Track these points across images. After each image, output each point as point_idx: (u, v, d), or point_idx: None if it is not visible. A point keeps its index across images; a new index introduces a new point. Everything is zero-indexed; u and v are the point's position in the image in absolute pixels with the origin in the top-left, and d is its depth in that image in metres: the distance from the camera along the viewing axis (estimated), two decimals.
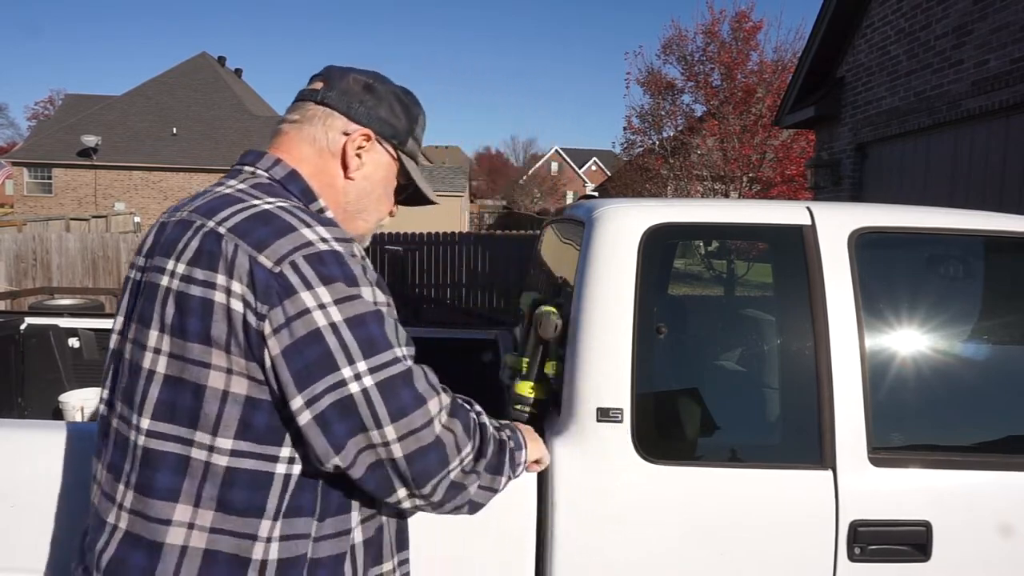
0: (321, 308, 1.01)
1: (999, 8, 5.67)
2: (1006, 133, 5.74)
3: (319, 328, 1.01)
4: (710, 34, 17.95)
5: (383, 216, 1.33)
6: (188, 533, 1.03)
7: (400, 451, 1.05)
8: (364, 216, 1.28)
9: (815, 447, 1.74)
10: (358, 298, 1.05)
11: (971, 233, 1.95)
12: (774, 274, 2.07)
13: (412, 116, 1.30)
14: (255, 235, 1.03)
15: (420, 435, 1.06)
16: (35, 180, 28.63)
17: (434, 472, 1.08)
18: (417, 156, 1.36)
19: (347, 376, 1.01)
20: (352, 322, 1.03)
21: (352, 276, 1.05)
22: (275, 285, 1.00)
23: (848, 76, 8.07)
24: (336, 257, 1.05)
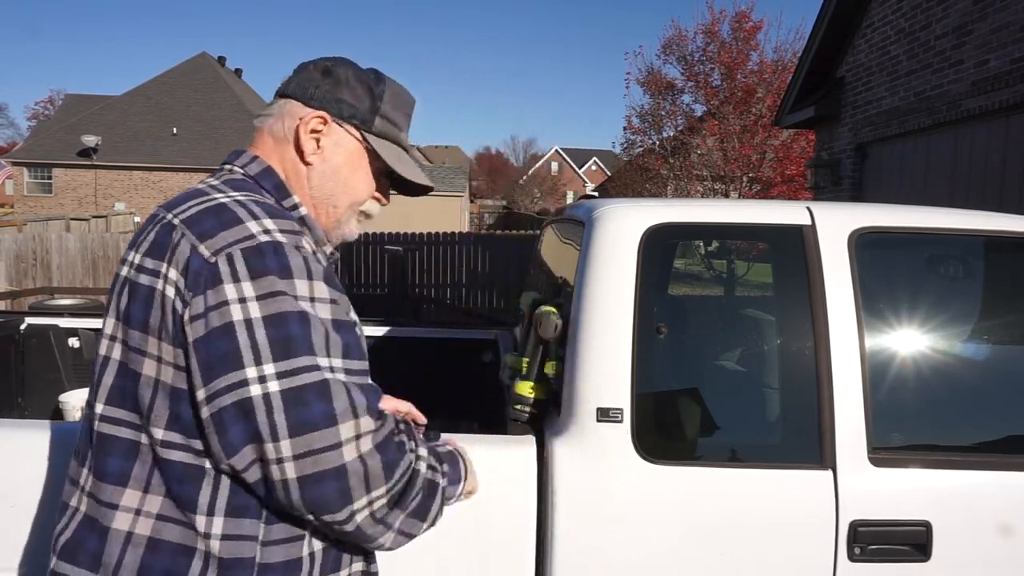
0: (241, 302, 0.96)
1: (999, 8, 5.67)
2: (1006, 133, 5.74)
3: (232, 322, 0.95)
4: (710, 34, 17.95)
5: (358, 201, 1.24)
6: (135, 519, 1.01)
7: (294, 471, 0.94)
8: (334, 202, 1.21)
9: (815, 447, 1.74)
10: (283, 296, 0.97)
11: (971, 233, 1.95)
12: (774, 274, 2.07)
13: (376, 94, 1.23)
14: (202, 226, 1.02)
15: (321, 458, 0.94)
16: (35, 180, 28.63)
17: (332, 505, 0.96)
18: (396, 136, 1.27)
19: (250, 377, 0.94)
20: (270, 320, 0.96)
21: (287, 267, 0.99)
22: (205, 274, 0.97)
23: (848, 76, 8.07)
24: (275, 247, 0.99)
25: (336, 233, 1.24)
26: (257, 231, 1.00)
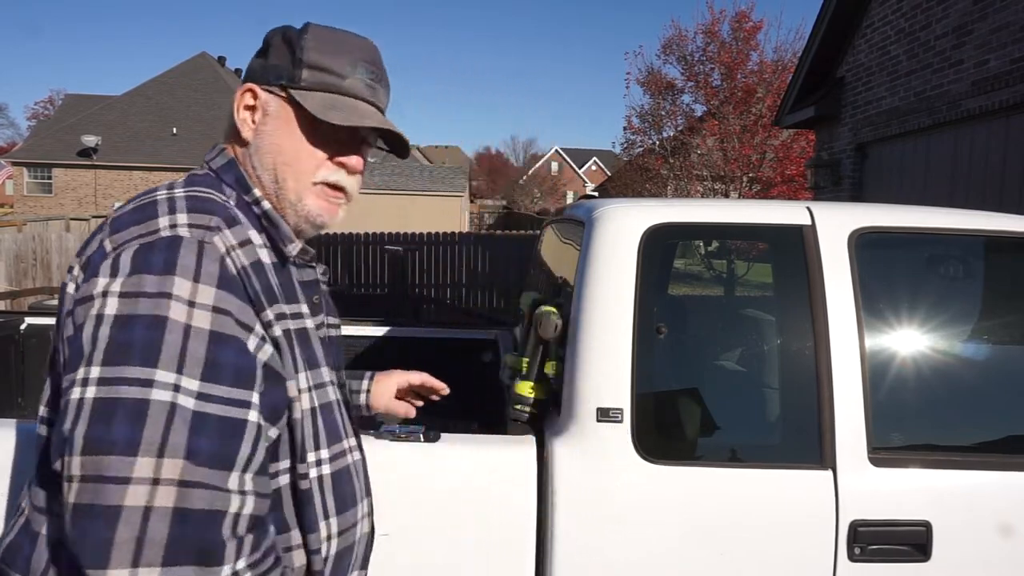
0: (103, 296, 0.87)
1: (999, 8, 5.67)
2: (1006, 133, 5.74)
3: (89, 316, 0.86)
4: (710, 34, 17.94)
5: (304, 170, 1.05)
6: (52, 521, 0.93)
7: (74, 495, 0.78)
8: (279, 180, 1.05)
9: (815, 447, 1.74)
10: (147, 296, 0.85)
11: (971, 233, 1.95)
12: (774, 274, 2.07)
13: (298, 45, 1.07)
14: (120, 222, 0.95)
15: (103, 489, 0.77)
16: (35, 180, 28.63)
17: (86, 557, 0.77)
18: (336, 84, 1.07)
19: (79, 377, 0.83)
20: (120, 320, 0.84)
21: (172, 264, 0.87)
22: (94, 266, 0.91)
23: (848, 76, 8.07)
24: (171, 243, 0.89)
25: (303, 219, 1.07)
26: (164, 225, 0.91)
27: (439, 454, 1.74)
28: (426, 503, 1.72)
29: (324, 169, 1.07)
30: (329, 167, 1.07)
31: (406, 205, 23.52)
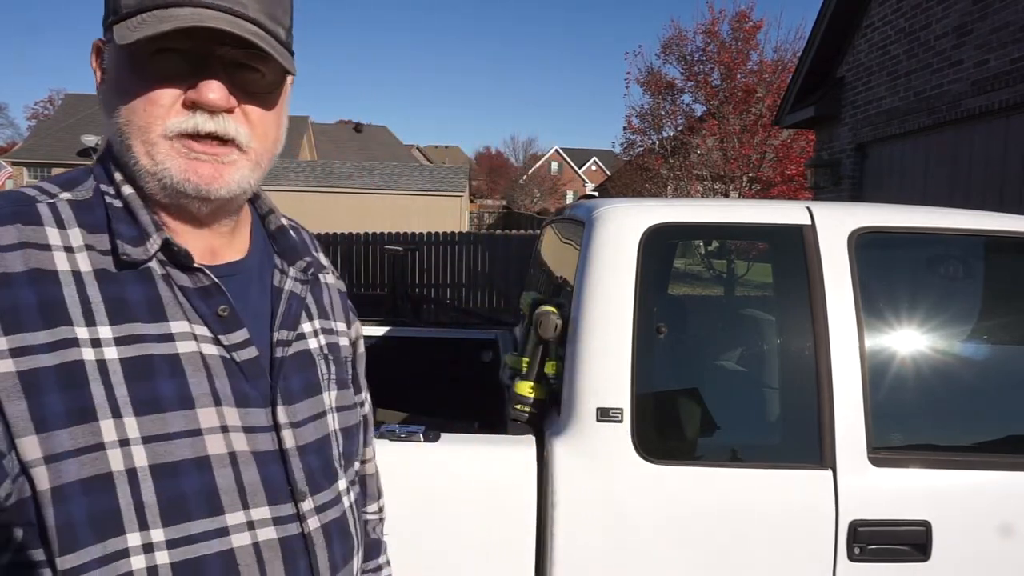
0: None
1: (999, 8, 5.67)
2: (1006, 133, 5.74)
3: None
4: (710, 34, 17.94)
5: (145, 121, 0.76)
6: None
7: None
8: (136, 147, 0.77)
9: (815, 447, 1.74)
10: None
11: (971, 233, 1.95)
12: (774, 274, 2.07)
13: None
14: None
15: None
16: (35, 180, 28.62)
17: None
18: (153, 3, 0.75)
19: None
20: None
21: None
22: None
23: (848, 76, 8.07)
24: None
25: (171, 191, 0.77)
26: None
27: (439, 454, 1.74)
28: (426, 503, 1.72)
29: (173, 117, 0.76)
30: (178, 112, 0.76)
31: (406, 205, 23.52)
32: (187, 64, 0.76)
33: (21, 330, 0.68)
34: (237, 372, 0.79)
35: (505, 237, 13.56)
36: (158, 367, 0.73)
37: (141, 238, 0.76)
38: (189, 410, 0.74)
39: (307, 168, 24.15)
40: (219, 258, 0.84)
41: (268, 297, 0.87)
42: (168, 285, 0.77)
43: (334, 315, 0.98)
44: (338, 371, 0.94)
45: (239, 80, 0.78)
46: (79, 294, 0.72)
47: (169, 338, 0.75)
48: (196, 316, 0.77)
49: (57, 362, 0.68)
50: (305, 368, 0.88)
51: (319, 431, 0.87)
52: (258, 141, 0.81)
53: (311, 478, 0.83)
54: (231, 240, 0.87)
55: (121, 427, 0.69)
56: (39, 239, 0.72)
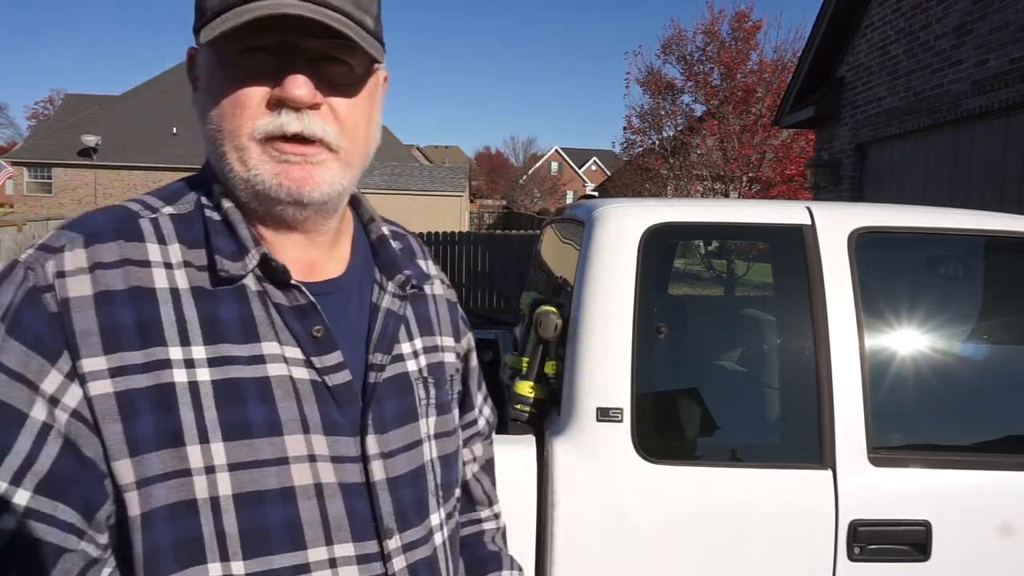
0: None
1: (999, 8, 5.67)
2: (1006, 133, 5.74)
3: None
4: (710, 34, 17.94)
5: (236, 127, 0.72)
6: None
7: None
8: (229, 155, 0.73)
9: (815, 447, 1.74)
10: None
11: (971, 233, 1.95)
12: (774, 274, 2.07)
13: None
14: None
15: None
16: (35, 180, 28.64)
17: None
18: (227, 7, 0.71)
19: None
20: None
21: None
22: None
23: (848, 76, 8.07)
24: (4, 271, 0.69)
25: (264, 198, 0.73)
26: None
27: None
28: None
29: (261, 119, 0.72)
30: (264, 113, 0.72)
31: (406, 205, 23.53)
32: (272, 60, 0.72)
33: (120, 349, 0.67)
34: (328, 397, 0.74)
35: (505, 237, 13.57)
36: (247, 391, 0.70)
37: (240, 253, 0.73)
38: (277, 437, 0.70)
39: None
40: (318, 273, 0.79)
41: (366, 315, 0.81)
42: (263, 303, 0.73)
43: (440, 329, 0.91)
44: (439, 394, 0.87)
45: (324, 74, 0.73)
46: (175, 312, 0.70)
47: (260, 360, 0.71)
48: (289, 336, 0.73)
49: (151, 383, 0.67)
50: (401, 393, 0.81)
51: (413, 462, 0.80)
52: (347, 139, 0.75)
53: (400, 514, 0.77)
54: (331, 252, 0.82)
55: (208, 453, 0.67)
56: (140, 255, 0.71)
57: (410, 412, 0.82)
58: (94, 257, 0.69)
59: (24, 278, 0.67)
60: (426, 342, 0.88)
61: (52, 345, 0.65)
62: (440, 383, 0.88)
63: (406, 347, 0.84)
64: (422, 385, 0.84)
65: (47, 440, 0.63)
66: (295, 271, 0.75)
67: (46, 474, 0.63)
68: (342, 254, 0.83)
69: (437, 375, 0.87)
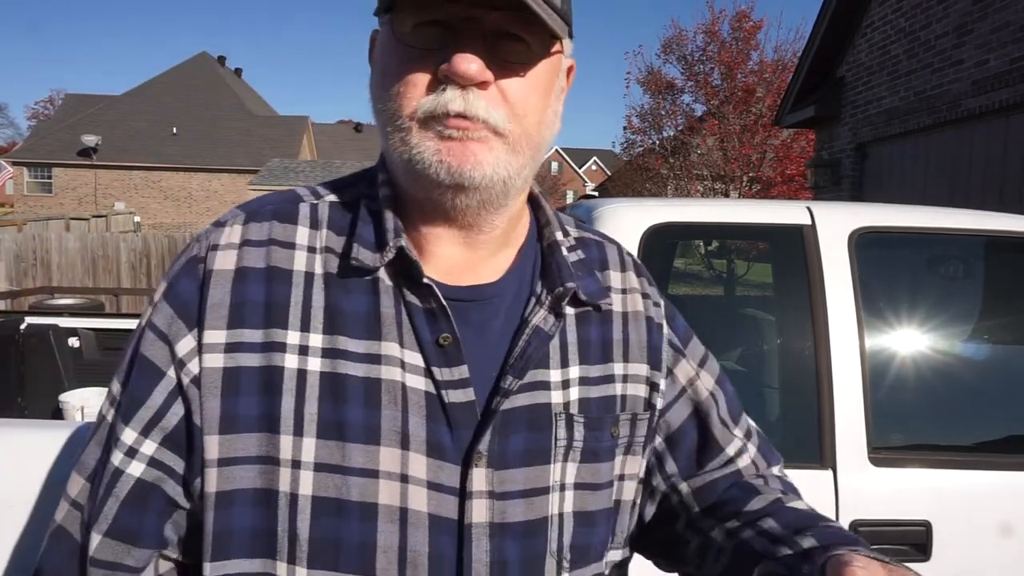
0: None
1: (999, 8, 5.67)
2: (1006, 133, 5.74)
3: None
4: (710, 34, 17.96)
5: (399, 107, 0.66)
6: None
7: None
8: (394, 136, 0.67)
9: (815, 447, 1.74)
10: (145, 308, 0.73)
11: (971, 233, 1.95)
12: (774, 274, 2.07)
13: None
14: None
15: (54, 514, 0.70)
16: (35, 180, 28.67)
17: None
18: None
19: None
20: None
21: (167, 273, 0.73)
22: None
23: (848, 76, 8.07)
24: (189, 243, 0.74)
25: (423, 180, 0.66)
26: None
27: None
28: None
29: (425, 96, 0.66)
30: (430, 90, 0.66)
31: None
32: (444, 34, 0.65)
33: (242, 326, 0.66)
34: (440, 415, 0.66)
35: None
36: (353, 389, 0.65)
37: (379, 244, 0.69)
38: (372, 446, 0.64)
39: (307, 168, 24.16)
40: (469, 277, 0.71)
41: (512, 331, 0.71)
42: (394, 299, 0.68)
43: (622, 355, 0.76)
44: (591, 437, 0.72)
45: (499, 51, 0.65)
46: (304, 297, 0.67)
47: (375, 359, 0.66)
48: (413, 340, 0.67)
49: (262, 364, 0.65)
50: (534, 428, 0.69)
51: (532, 511, 0.68)
52: (516, 122, 0.66)
53: (498, 569, 0.65)
54: (494, 255, 0.73)
55: (298, 446, 0.64)
56: (287, 237, 0.70)
57: (541, 452, 0.69)
58: (246, 234, 0.70)
59: (189, 248, 0.71)
60: (587, 371, 0.74)
61: (193, 313, 0.67)
62: (596, 423, 0.72)
63: (555, 374, 0.71)
64: (564, 423, 0.70)
65: (176, 400, 0.66)
66: (442, 271, 0.70)
67: (171, 430, 0.66)
68: (505, 260, 0.74)
69: (594, 413, 0.73)
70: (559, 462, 0.70)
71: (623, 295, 0.80)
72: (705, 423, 0.82)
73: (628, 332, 0.78)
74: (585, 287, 0.74)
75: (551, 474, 0.69)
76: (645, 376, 0.78)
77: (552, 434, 0.70)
